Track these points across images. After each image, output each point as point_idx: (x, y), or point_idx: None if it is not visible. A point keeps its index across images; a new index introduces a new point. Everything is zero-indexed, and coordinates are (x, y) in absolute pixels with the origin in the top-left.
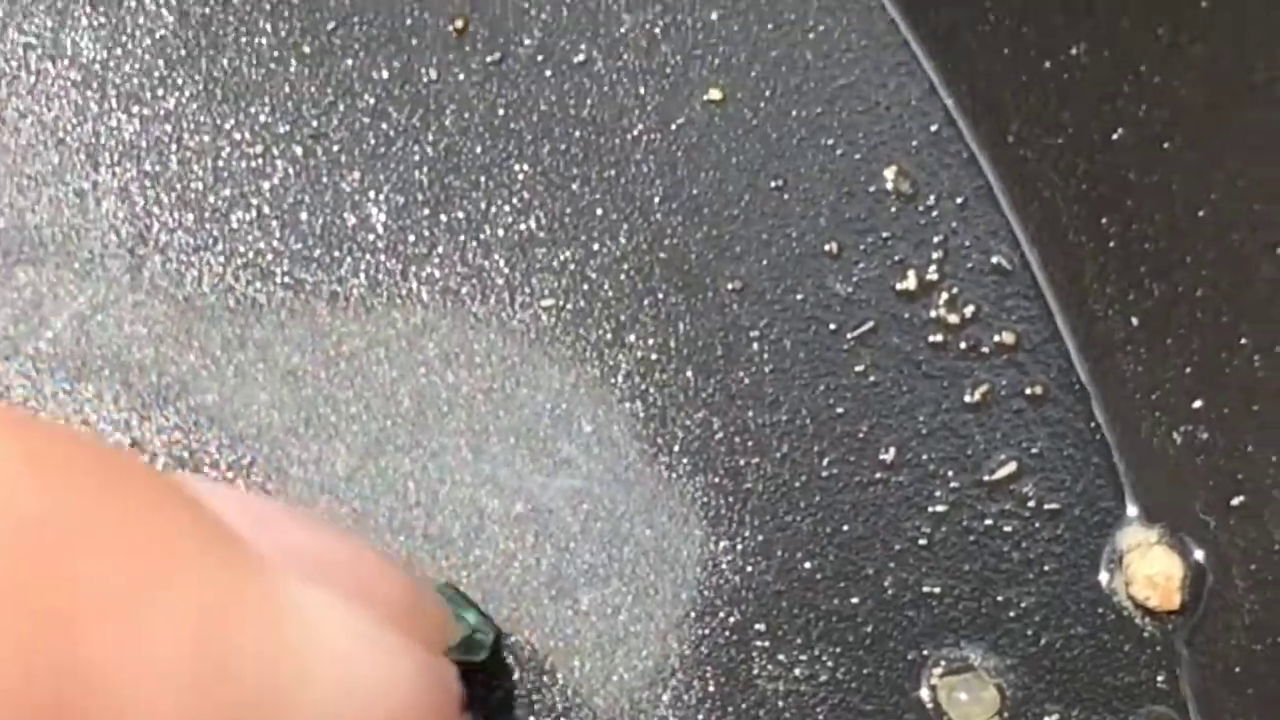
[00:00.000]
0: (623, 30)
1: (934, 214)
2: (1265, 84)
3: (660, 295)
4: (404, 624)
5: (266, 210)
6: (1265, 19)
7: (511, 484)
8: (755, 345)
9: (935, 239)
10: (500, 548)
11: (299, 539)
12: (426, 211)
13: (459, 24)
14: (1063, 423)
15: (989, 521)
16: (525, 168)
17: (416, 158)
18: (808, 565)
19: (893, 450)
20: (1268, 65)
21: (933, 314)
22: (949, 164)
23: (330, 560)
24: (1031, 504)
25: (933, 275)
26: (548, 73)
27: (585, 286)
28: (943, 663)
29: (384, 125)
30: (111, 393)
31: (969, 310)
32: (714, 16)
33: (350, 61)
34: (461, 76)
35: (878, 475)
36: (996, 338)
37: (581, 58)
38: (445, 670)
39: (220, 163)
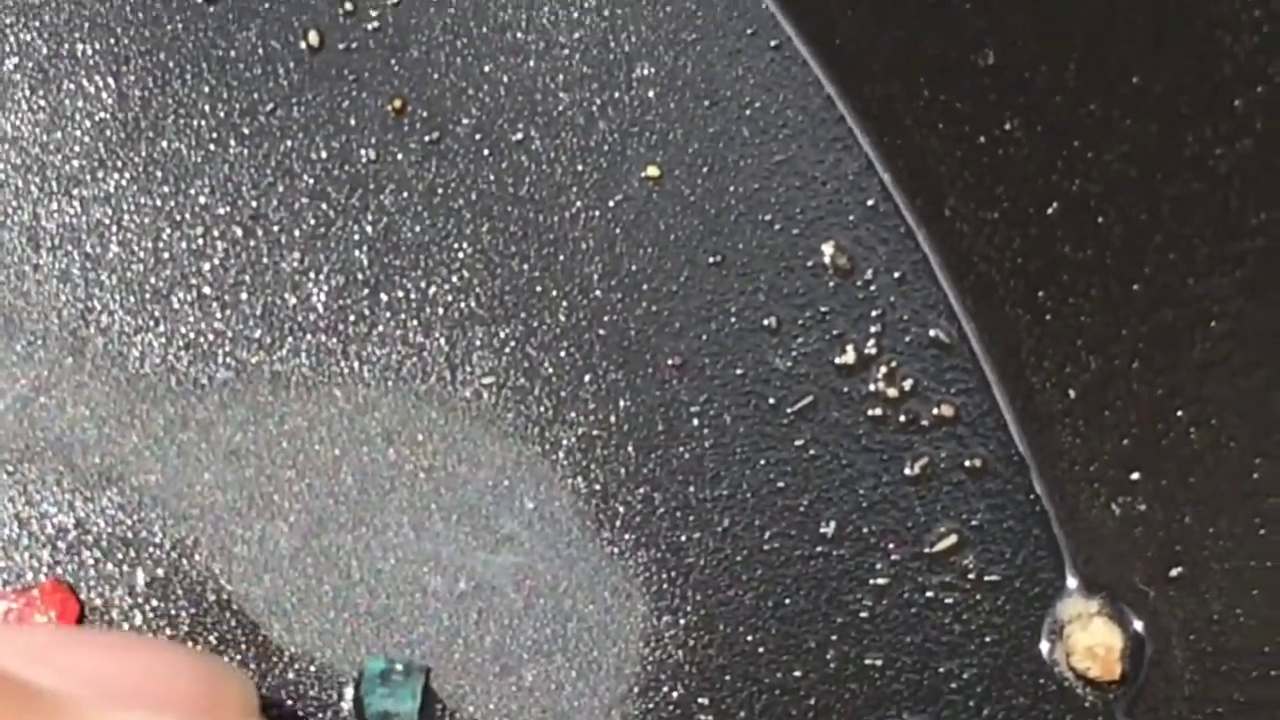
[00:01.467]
0: (560, 109)
1: (872, 288)
2: (1196, 158)
3: (600, 372)
4: (211, 714)
5: (207, 291)
6: (1195, 94)
7: (454, 561)
8: (695, 421)
9: (873, 313)
10: (444, 625)
11: (84, 660)
12: (366, 291)
13: (397, 104)
14: (1002, 495)
15: (930, 594)
16: (465, 246)
17: (356, 237)
18: (750, 639)
19: (833, 524)
20: (1198, 139)
21: (872, 388)
22: (886, 238)
23: (121, 671)
24: (972, 576)
25: (871, 349)
26: (486, 151)
27: (526, 364)
28: None
29: (323, 205)
30: (55, 474)
31: (908, 384)
32: (651, 94)
33: (289, 142)
34: (400, 156)
35: (819, 549)
36: (936, 411)
37: (519, 136)
38: None
39: (160, 244)
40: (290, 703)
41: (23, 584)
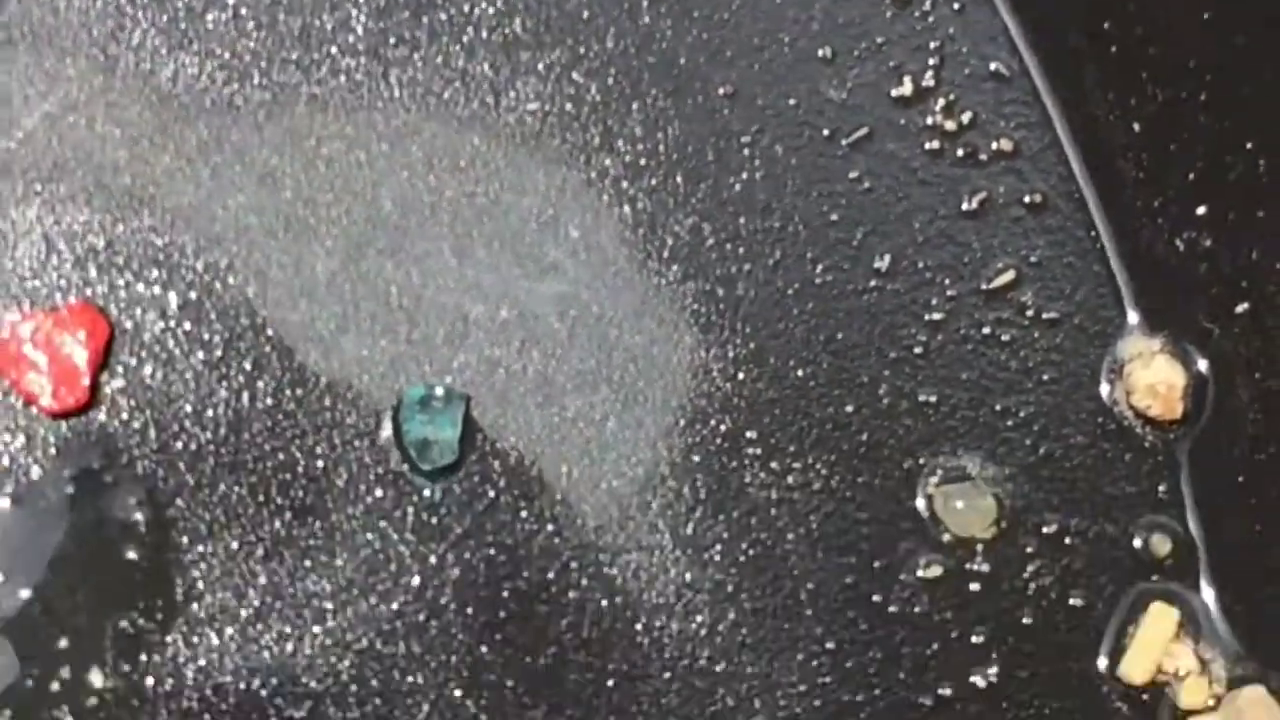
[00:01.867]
0: None
1: (930, 19)
2: None
3: (649, 99)
4: None
5: (244, 11)
6: None
7: (497, 289)
8: (746, 151)
9: (932, 44)
10: (485, 353)
11: None
12: (408, 14)
13: None
14: (1062, 230)
15: (987, 330)
16: None
17: None
18: (800, 373)
19: (888, 258)
20: None
21: (929, 120)
22: None
23: None
24: (1030, 312)
25: (929, 81)
26: None
27: (572, 90)
28: (939, 471)
29: None
30: (84, 194)
31: (966, 117)
32: None
33: None
34: None
35: (873, 283)
36: (995, 145)
37: None
38: None
39: None
40: (326, 430)
41: (51, 304)
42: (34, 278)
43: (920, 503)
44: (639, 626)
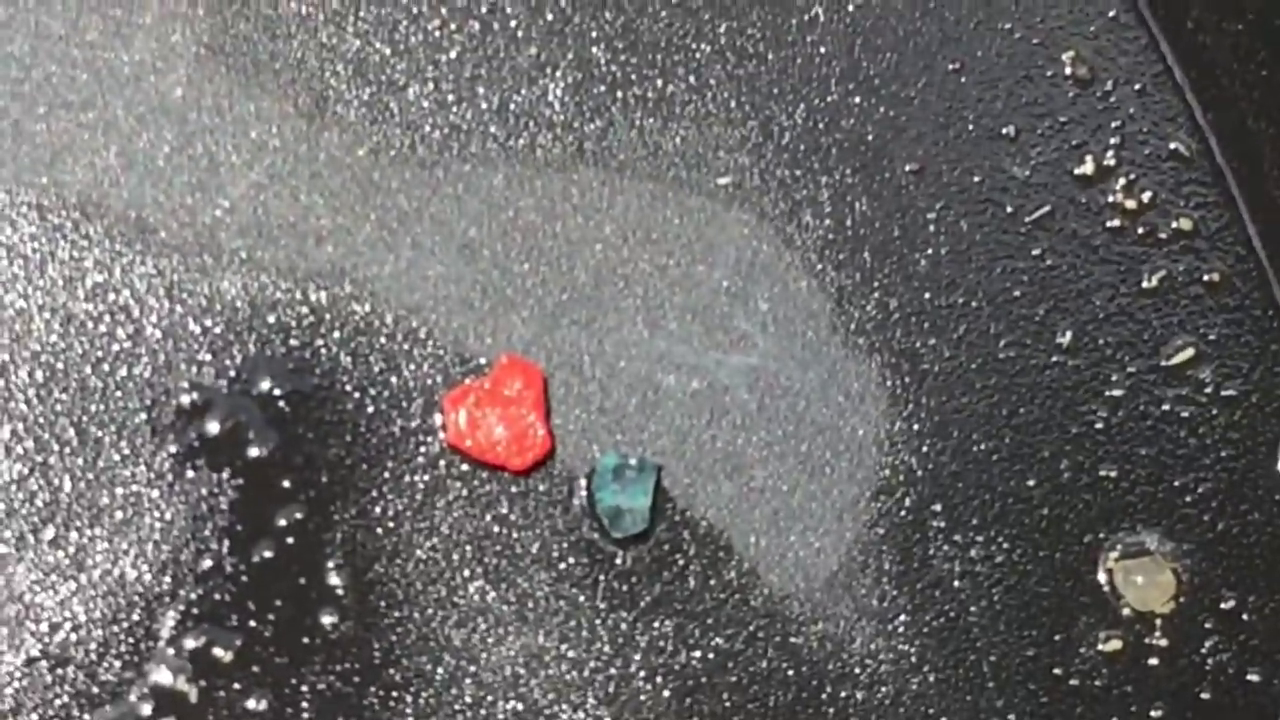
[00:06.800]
0: None
1: (1112, 99)
2: None
3: (837, 175)
4: None
5: (444, 85)
6: None
7: (688, 360)
8: (932, 227)
9: (1113, 124)
10: (676, 424)
11: None
12: (603, 88)
13: None
14: (1240, 309)
15: (1166, 407)
16: (704, 46)
17: (594, 34)
18: (984, 447)
19: (1069, 334)
20: None
21: (1110, 199)
22: (1127, 49)
23: None
24: (1209, 390)
25: (1110, 161)
26: None
27: (762, 165)
28: (1119, 547)
29: (562, 1)
30: (288, 262)
31: (1146, 196)
32: None
33: None
34: None
35: (1054, 359)
36: (1174, 224)
37: None
38: None
39: (398, 36)
40: (520, 498)
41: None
42: (235, 343)
43: (1100, 577)
44: (824, 696)
